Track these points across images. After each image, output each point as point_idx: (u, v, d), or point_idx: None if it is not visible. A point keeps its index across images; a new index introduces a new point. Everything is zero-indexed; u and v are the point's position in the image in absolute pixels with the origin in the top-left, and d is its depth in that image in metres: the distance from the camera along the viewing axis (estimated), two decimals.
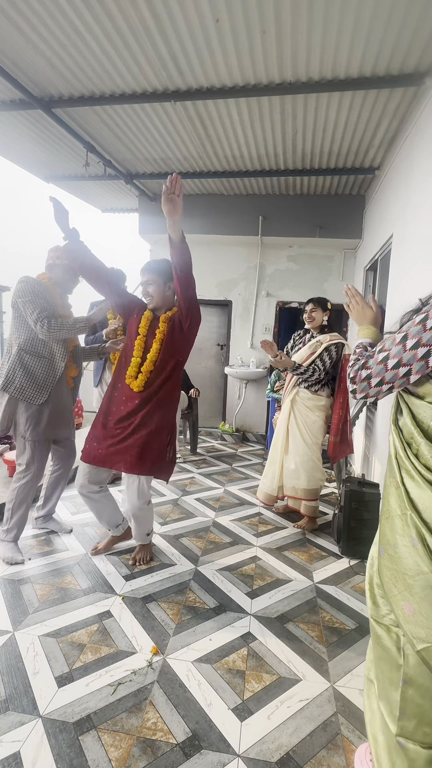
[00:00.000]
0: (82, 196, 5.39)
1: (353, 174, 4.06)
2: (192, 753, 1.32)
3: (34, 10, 2.22)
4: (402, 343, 1.04)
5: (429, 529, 1.00)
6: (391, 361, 1.06)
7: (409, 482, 1.05)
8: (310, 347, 2.93)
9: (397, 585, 1.04)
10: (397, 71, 2.52)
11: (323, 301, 2.96)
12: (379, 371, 1.09)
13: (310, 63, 2.49)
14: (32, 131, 3.63)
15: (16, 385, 2.26)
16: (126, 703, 1.48)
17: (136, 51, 2.49)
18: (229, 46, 2.40)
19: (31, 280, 2.29)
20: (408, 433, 1.08)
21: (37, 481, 2.40)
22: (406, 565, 1.02)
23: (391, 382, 1.07)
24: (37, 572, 2.23)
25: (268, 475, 3.07)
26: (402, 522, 1.05)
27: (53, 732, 1.35)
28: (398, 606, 1.04)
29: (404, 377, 1.05)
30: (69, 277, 2.46)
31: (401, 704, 1.05)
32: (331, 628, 1.94)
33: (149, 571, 2.30)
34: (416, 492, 1.03)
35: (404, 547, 1.03)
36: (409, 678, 1.04)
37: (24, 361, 2.28)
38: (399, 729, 1.06)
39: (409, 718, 1.05)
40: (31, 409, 2.31)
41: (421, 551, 0.99)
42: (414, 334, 1.02)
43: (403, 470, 1.08)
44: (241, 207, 4.97)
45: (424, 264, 2.35)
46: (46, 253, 2.46)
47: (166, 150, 3.90)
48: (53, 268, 2.43)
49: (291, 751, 1.34)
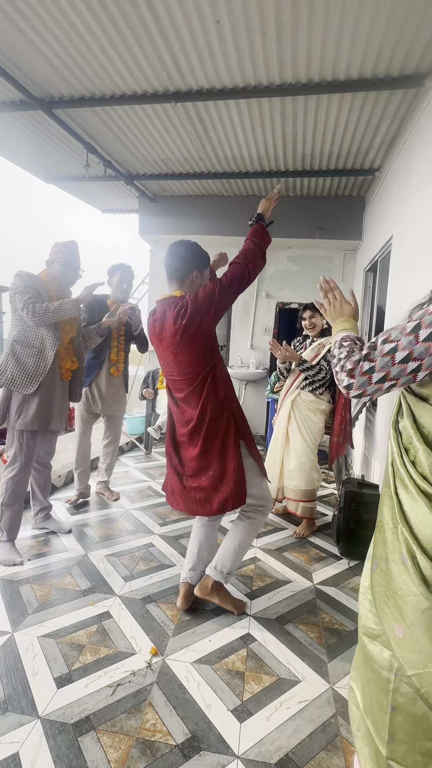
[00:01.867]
0: (83, 196, 5.40)
1: (353, 175, 4.07)
2: (191, 754, 1.31)
3: (34, 11, 2.22)
4: (414, 333, 0.90)
5: (420, 546, 0.90)
6: (399, 354, 0.91)
7: (402, 493, 0.96)
8: (313, 350, 2.92)
9: (388, 603, 0.95)
10: (397, 73, 2.52)
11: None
12: (384, 365, 0.93)
13: (311, 64, 2.50)
14: (33, 132, 3.64)
15: (8, 376, 2.28)
16: (125, 705, 1.47)
17: (136, 52, 2.49)
18: (229, 48, 2.40)
19: (24, 274, 2.32)
20: (407, 438, 0.98)
21: (26, 474, 2.39)
22: (396, 583, 0.93)
23: (395, 378, 0.93)
24: (36, 573, 2.23)
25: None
26: (393, 536, 0.96)
27: (52, 733, 1.35)
28: (389, 626, 0.95)
29: (411, 374, 0.91)
30: (66, 272, 2.48)
31: (390, 728, 0.96)
32: (330, 629, 1.94)
33: (148, 572, 2.30)
34: (409, 504, 0.93)
35: (395, 564, 0.94)
36: (398, 705, 0.94)
37: (15, 351, 2.31)
38: (389, 752, 0.97)
39: (398, 744, 0.96)
40: (19, 400, 2.32)
41: (411, 570, 0.90)
42: (429, 323, 0.88)
43: (397, 479, 0.98)
44: (241, 208, 4.97)
45: (424, 265, 2.35)
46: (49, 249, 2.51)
47: (166, 151, 3.91)
48: (51, 263, 2.47)
49: (290, 752, 1.34)
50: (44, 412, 2.38)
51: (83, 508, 3.10)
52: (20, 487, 2.37)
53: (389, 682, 0.96)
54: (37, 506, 2.70)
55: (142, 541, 2.64)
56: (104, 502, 3.23)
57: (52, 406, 2.42)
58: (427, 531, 0.90)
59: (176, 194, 5.10)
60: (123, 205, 5.68)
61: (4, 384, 2.29)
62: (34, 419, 2.34)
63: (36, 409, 2.34)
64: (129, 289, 3.22)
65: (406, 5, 2.01)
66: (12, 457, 2.36)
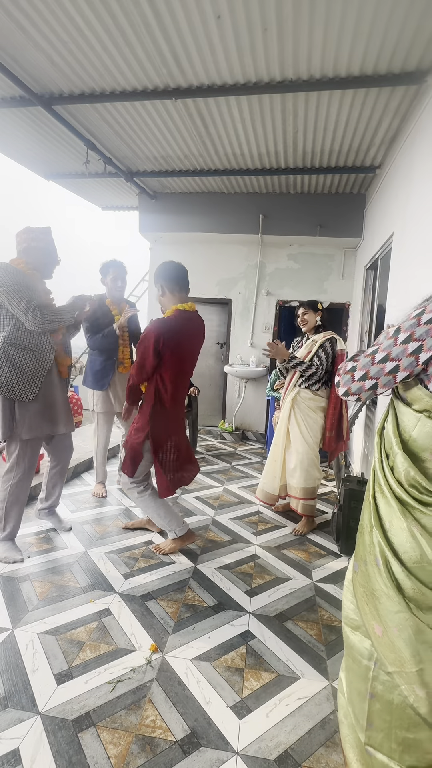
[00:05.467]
0: (83, 193, 5.38)
1: (354, 173, 4.05)
2: (191, 750, 1.32)
3: (34, 6, 2.21)
4: (394, 336, 0.97)
5: (393, 551, 0.92)
6: (379, 355, 0.98)
7: (379, 497, 0.99)
8: (307, 347, 2.95)
9: (369, 604, 0.98)
10: (399, 69, 2.51)
11: (313, 303, 2.99)
12: (365, 364, 1.01)
13: (312, 61, 2.48)
14: (32, 128, 3.62)
15: (3, 381, 2.12)
16: (125, 701, 1.48)
17: (137, 48, 2.48)
18: (230, 44, 2.39)
19: (10, 268, 2.13)
20: (388, 443, 1.01)
21: (28, 480, 2.32)
22: (373, 585, 0.96)
23: (375, 377, 0.99)
24: (36, 570, 2.23)
25: (268, 474, 3.06)
26: (369, 539, 0.98)
27: (52, 729, 1.36)
28: (370, 625, 0.98)
29: (390, 373, 0.96)
30: (48, 261, 2.30)
31: (368, 716, 1.00)
32: (329, 626, 1.94)
33: (148, 569, 2.31)
34: (385, 509, 0.96)
35: (371, 566, 0.97)
36: (376, 693, 0.98)
37: (10, 355, 2.14)
38: (367, 738, 1.01)
39: (376, 731, 0.99)
40: (20, 407, 2.20)
41: (383, 573, 0.93)
42: (407, 328, 0.95)
43: (376, 484, 1.01)
44: (241, 205, 4.96)
45: (425, 263, 2.35)
46: (14, 237, 2.28)
47: (166, 148, 3.89)
48: (29, 251, 2.24)
49: (289, 748, 1.35)
50: (50, 416, 2.30)
51: (84, 505, 3.11)
52: (22, 492, 2.32)
53: (369, 670, 0.99)
54: (46, 502, 2.64)
55: (142, 539, 2.65)
56: (105, 500, 3.23)
57: (56, 408, 2.34)
58: (400, 536, 0.93)
59: (176, 191, 5.09)
60: (123, 202, 5.66)
61: (1, 391, 2.13)
62: (40, 425, 2.25)
63: (41, 414, 2.25)
64: (124, 287, 3.21)
65: (408, 1, 1.99)
66: (14, 464, 2.26)
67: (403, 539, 0.92)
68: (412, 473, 0.93)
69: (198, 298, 5.48)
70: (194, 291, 5.45)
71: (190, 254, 5.38)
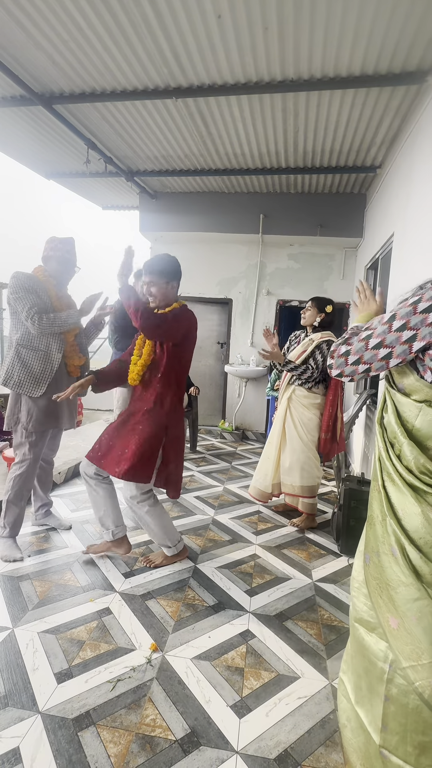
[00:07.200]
0: (83, 193, 5.38)
1: (354, 172, 4.05)
2: (190, 749, 1.32)
3: (35, 6, 2.21)
4: (389, 323, 0.96)
5: (408, 538, 0.92)
6: (373, 341, 0.98)
7: (390, 486, 0.98)
8: (303, 345, 2.95)
9: (382, 596, 0.98)
10: (400, 69, 2.51)
11: (322, 303, 2.94)
12: (359, 349, 1.01)
13: (312, 60, 2.48)
14: (33, 128, 3.62)
15: (15, 380, 2.29)
16: (125, 700, 1.48)
17: (137, 47, 2.48)
18: (230, 43, 2.39)
19: (22, 276, 2.27)
20: (392, 433, 1.01)
21: (33, 471, 2.41)
22: (388, 575, 0.95)
23: (368, 362, 1.00)
24: (36, 569, 2.23)
25: (260, 471, 3.07)
26: (382, 528, 0.98)
27: (52, 728, 1.36)
28: (384, 618, 0.98)
29: (383, 360, 0.97)
30: (64, 269, 2.42)
31: (384, 718, 0.99)
32: (329, 626, 1.95)
33: (148, 569, 2.31)
34: (396, 497, 0.96)
35: (385, 556, 0.97)
36: (391, 696, 0.97)
37: (21, 355, 2.30)
38: (382, 740, 1.00)
39: (392, 733, 0.98)
40: (29, 401, 2.33)
41: (400, 561, 0.92)
42: (402, 315, 0.94)
43: (384, 473, 1.01)
44: (241, 205, 4.96)
45: (425, 263, 2.35)
46: (44, 244, 2.42)
47: (167, 147, 3.89)
48: (48, 260, 2.40)
49: (289, 747, 1.35)
50: (54, 411, 2.40)
51: (84, 504, 3.11)
52: (27, 484, 2.38)
53: (384, 672, 0.99)
54: (38, 502, 2.70)
55: (142, 538, 2.65)
56: None
57: (62, 405, 2.42)
58: (414, 522, 0.93)
59: (177, 191, 5.08)
60: (123, 201, 5.66)
61: (12, 387, 2.30)
62: (46, 419, 2.36)
63: (46, 409, 2.36)
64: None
65: (409, 1, 1.99)
66: (21, 456, 2.37)
67: (418, 524, 0.92)
68: (422, 461, 0.94)
69: (198, 297, 5.47)
70: (194, 290, 5.46)
71: (191, 254, 5.38)
